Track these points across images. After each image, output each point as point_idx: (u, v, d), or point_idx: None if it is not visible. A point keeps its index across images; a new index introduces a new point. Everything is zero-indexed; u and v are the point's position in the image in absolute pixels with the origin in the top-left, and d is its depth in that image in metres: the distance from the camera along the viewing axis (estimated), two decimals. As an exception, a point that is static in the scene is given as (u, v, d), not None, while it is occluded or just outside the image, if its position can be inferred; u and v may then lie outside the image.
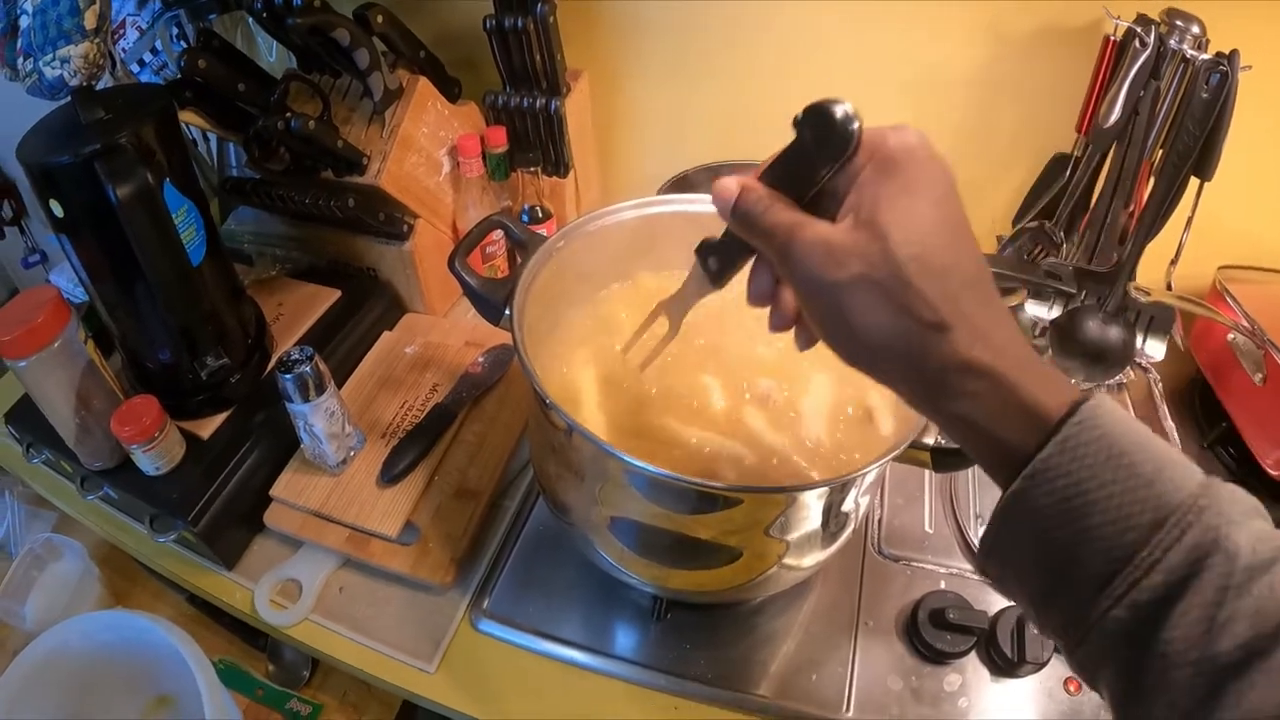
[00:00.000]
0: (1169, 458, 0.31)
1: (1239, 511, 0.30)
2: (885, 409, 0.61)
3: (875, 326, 0.33)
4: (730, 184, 0.38)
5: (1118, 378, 0.88)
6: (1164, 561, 0.29)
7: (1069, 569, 0.31)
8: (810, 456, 0.58)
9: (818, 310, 0.36)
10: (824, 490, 0.52)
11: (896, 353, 0.34)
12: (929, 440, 0.51)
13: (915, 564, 0.73)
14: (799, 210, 0.36)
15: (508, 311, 0.56)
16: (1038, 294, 0.88)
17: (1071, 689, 0.64)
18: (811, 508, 0.53)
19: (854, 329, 0.34)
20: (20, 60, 0.63)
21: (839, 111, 0.34)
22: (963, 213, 0.34)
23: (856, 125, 0.34)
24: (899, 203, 0.33)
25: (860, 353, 0.35)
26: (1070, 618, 0.32)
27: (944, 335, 0.32)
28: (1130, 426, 0.32)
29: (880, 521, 0.76)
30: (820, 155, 0.35)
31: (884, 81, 0.89)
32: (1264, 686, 0.27)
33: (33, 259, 1.41)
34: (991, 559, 0.35)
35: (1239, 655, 0.28)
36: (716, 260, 0.44)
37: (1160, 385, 0.89)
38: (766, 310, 0.42)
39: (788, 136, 0.37)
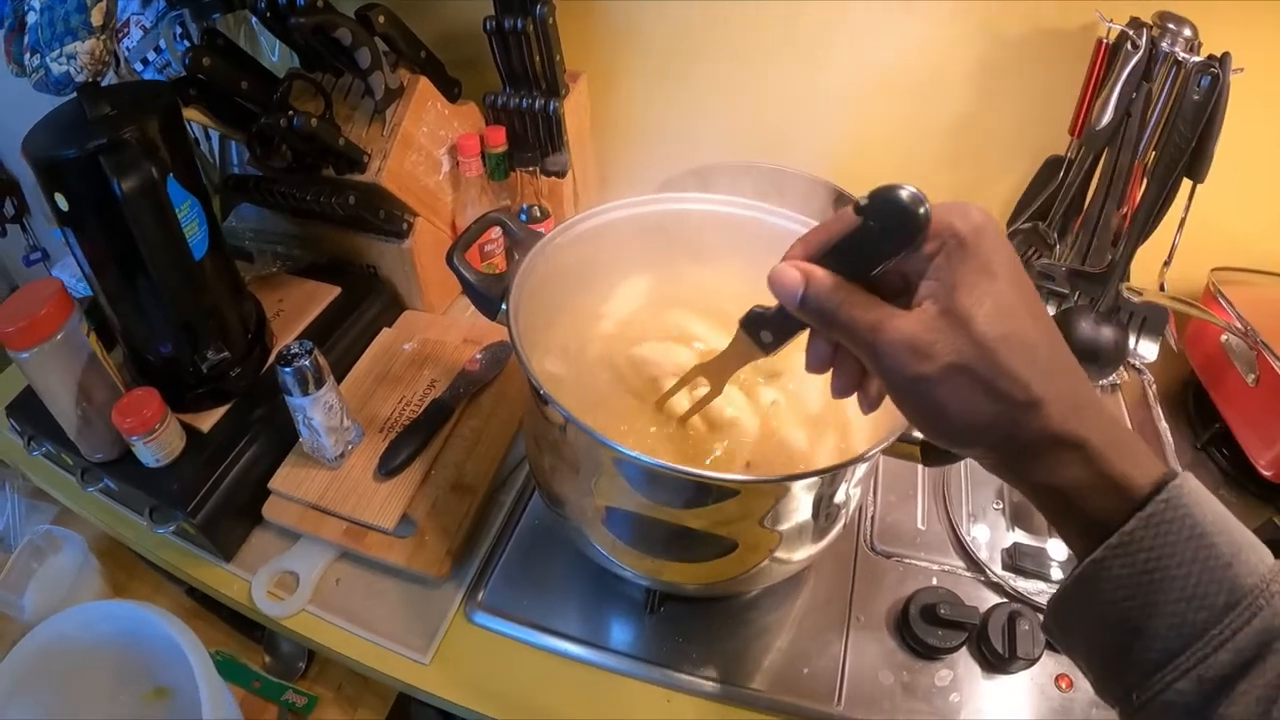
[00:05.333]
0: (1245, 541, 0.32)
1: None
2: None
3: (969, 412, 0.34)
4: (790, 273, 0.37)
5: (1111, 378, 0.89)
6: (1233, 641, 0.31)
7: (1137, 638, 0.33)
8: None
9: (908, 402, 0.36)
10: (815, 481, 0.52)
11: (990, 433, 0.34)
12: (918, 434, 0.51)
13: (908, 560, 0.73)
14: (871, 298, 0.36)
15: (504, 306, 0.57)
16: (1031, 294, 0.88)
17: (1063, 685, 0.64)
18: (802, 499, 0.54)
19: (947, 416, 0.34)
20: (27, 56, 0.64)
21: (907, 197, 0.33)
22: (1034, 288, 0.35)
23: (925, 210, 0.33)
24: (979, 286, 0.33)
25: (954, 436, 0.36)
26: (1133, 685, 0.33)
27: (1037, 411, 0.33)
28: (1212, 507, 0.33)
29: (873, 518, 0.76)
30: (889, 242, 0.34)
31: (878, 84, 0.89)
32: None
33: (34, 256, 1.42)
34: (1061, 619, 0.37)
35: None
36: (771, 334, 0.44)
37: (1154, 386, 0.89)
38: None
39: (792, 136, 0.37)
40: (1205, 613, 0.31)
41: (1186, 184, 0.77)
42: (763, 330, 0.44)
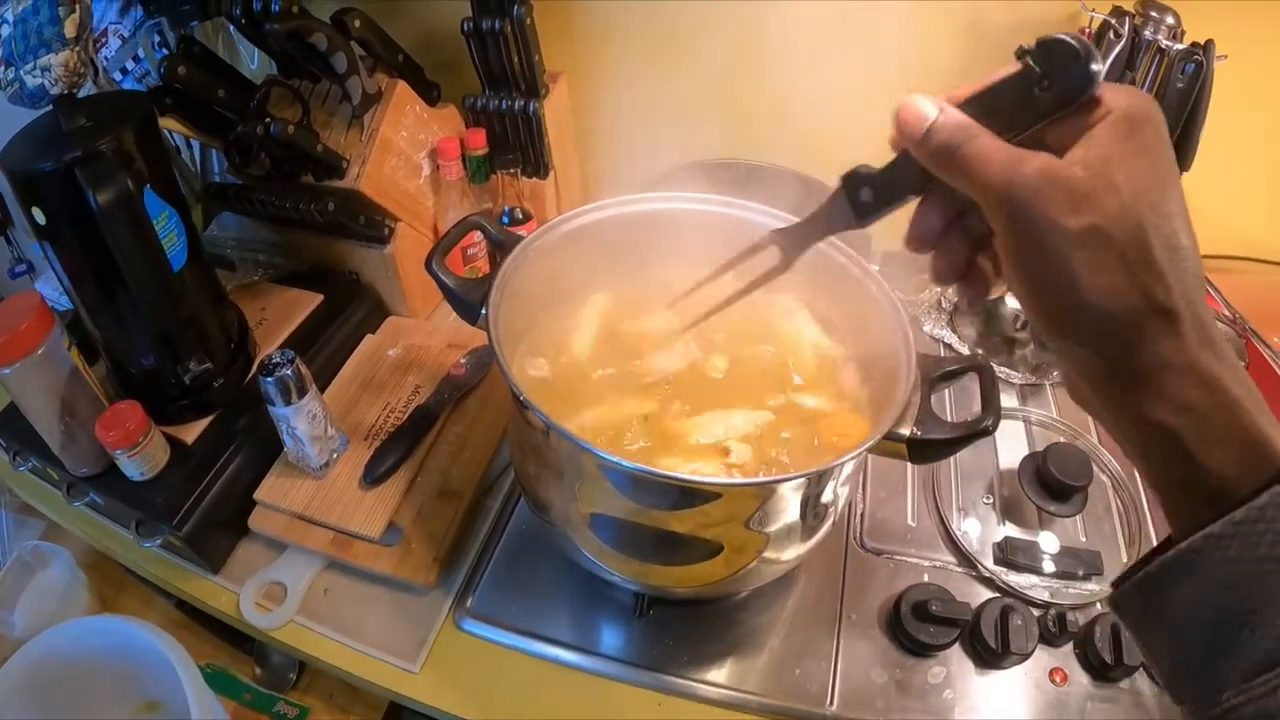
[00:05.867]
0: None
1: None
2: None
3: (1100, 292, 0.29)
4: (922, 103, 0.32)
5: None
6: None
7: (1241, 632, 0.28)
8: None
9: (1035, 262, 0.30)
10: (801, 482, 0.52)
11: (1113, 327, 0.29)
12: (904, 431, 0.51)
13: (898, 557, 0.73)
14: (1006, 143, 0.31)
15: (484, 311, 0.57)
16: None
17: (1057, 679, 0.64)
18: (789, 500, 0.53)
19: (1076, 289, 0.29)
20: (1, 69, 0.63)
21: (1079, 45, 0.29)
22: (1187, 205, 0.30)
23: (1097, 66, 0.29)
24: (1138, 163, 0.29)
25: (1071, 317, 0.30)
26: (1222, 685, 0.29)
27: (1172, 325, 0.29)
28: None
29: (863, 515, 0.76)
30: (1052, 91, 0.30)
31: (861, 79, 0.88)
32: None
33: (19, 269, 1.40)
34: (1150, 600, 0.31)
35: None
36: (872, 193, 0.38)
37: (1143, 376, 0.89)
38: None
39: (774, 134, 0.36)
40: None
41: (1172, 172, 0.77)
42: (863, 188, 0.39)
